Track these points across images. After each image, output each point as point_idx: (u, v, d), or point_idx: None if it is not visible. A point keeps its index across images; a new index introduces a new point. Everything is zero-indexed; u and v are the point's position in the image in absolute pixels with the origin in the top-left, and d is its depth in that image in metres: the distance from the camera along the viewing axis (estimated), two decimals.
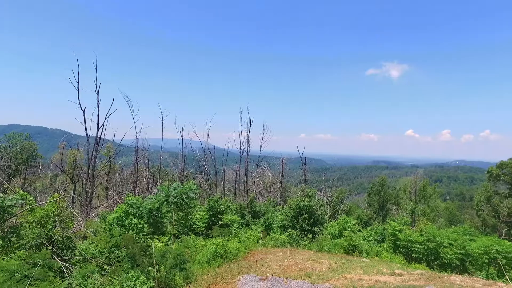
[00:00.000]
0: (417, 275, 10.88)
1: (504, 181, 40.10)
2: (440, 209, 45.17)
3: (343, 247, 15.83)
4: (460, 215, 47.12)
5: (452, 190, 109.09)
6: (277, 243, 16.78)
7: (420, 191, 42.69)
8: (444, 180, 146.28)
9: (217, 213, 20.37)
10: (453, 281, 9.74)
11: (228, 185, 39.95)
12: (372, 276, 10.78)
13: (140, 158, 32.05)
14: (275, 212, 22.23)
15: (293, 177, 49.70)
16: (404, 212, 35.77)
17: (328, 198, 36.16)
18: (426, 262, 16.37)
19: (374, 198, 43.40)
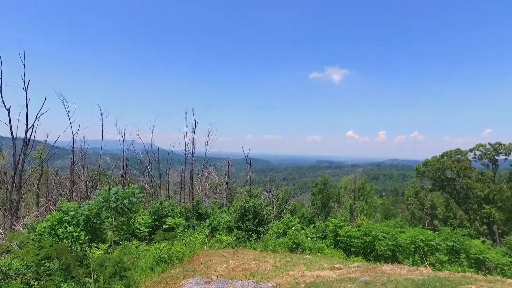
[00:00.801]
0: (354, 268, 11.61)
1: (428, 177, 44.41)
2: (376, 205, 48.55)
3: (287, 245, 16.30)
4: (393, 210, 51.08)
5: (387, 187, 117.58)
6: (223, 244, 16.78)
7: (359, 188, 45.47)
8: (381, 177, 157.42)
9: (161, 216, 19.80)
10: (384, 270, 10.56)
11: (173, 188, 38.98)
12: (314, 271, 11.26)
13: (78, 161, 29.93)
14: (221, 214, 22.19)
15: (239, 178, 50.02)
16: (344, 209, 37.85)
17: (274, 198, 36.97)
18: (363, 255, 17.51)
19: (317, 197, 45.32)
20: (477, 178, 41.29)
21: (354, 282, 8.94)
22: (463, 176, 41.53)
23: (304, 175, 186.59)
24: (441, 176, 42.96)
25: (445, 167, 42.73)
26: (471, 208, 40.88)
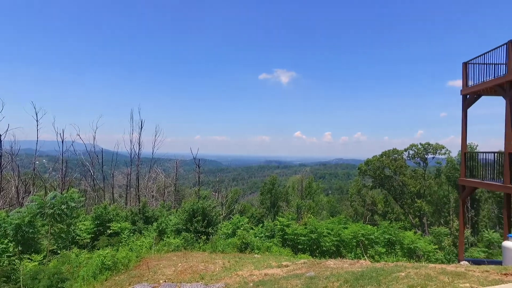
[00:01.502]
0: (301, 264, 12.05)
1: (369, 175, 47.42)
2: (323, 203, 50.64)
3: (237, 245, 16.41)
4: (339, 207, 53.61)
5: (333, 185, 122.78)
6: (171, 247, 16.42)
7: (306, 187, 47.07)
8: (327, 176, 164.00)
9: (105, 221, 18.80)
10: (328, 265, 11.11)
11: (118, 190, 37.17)
12: (262, 270, 11.49)
13: (7, 164, 27.31)
14: (169, 216, 21.66)
15: (188, 179, 49.17)
16: (292, 208, 38.96)
17: (223, 199, 36.91)
18: (310, 251, 18.22)
19: (266, 196, 46.05)
20: (411, 175, 44.95)
21: (300, 278, 9.29)
22: (399, 173, 44.97)
23: (253, 175, 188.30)
24: (380, 174, 46.07)
25: (384, 165, 45.91)
26: (406, 202, 44.43)
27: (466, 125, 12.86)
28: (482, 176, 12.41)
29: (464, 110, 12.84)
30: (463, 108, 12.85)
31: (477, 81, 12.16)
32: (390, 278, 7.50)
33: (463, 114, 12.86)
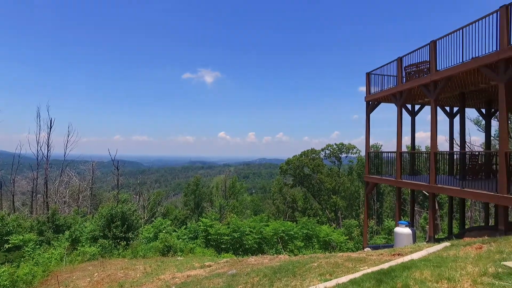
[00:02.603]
0: (223, 263, 12.30)
1: (290, 174, 50.02)
2: (246, 202, 51.77)
3: (159, 249, 16.00)
4: (262, 205, 55.28)
5: (257, 184, 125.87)
6: (86, 257, 15.27)
7: (230, 187, 47.62)
8: (251, 176, 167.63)
9: (2, 235, 16.63)
10: (249, 262, 11.56)
11: (21, 198, 33.02)
12: (184, 272, 11.44)
13: None
14: (84, 223, 20.06)
15: (106, 182, 45.92)
16: (216, 208, 39.08)
17: (145, 201, 35.41)
18: (233, 250, 18.59)
19: (190, 198, 45.43)
20: (327, 173, 48.63)
21: (222, 277, 9.52)
22: (317, 172, 48.31)
23: (177, 176, 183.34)
24: (300, 173, 48.92)
25: (303, 165, 48.85)
26: (323, 199, 47.92)
27: (369, 128, 14.55)
28: (385, 173, 14.19)
29: (367, 115, 14.51)
30: (367, 113, 14.52)
31: (377, 90, 13.87)
32: (304, 269, 8.17)
33: (367, 118, 14.52)
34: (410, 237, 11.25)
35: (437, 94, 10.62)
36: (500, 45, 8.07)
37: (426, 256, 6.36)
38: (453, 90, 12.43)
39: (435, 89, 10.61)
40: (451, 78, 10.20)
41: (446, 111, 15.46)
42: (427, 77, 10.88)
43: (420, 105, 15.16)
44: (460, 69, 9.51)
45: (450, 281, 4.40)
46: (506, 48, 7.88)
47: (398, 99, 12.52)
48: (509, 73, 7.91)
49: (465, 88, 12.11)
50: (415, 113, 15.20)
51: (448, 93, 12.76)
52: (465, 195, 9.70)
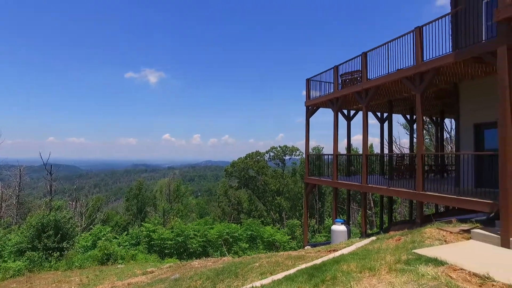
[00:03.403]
0: (166, 269, 12.13)
1: (235, 176, 50.38)
2: (192, 205, 51.01)
3: (97, 258, 15.23)
4: (208, 208, 54.83)
5: (203, 187, 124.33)
6: (9, 273, 13.90)
7: (175, 191, 46.56)
8: (196, 179, 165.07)
9: None
10: (193, 265, 11.55)
11: None
12: (125, 280, 11.08)
13: None
14: (7, 235, 18.28)
15: (37, 188, 42.24)
16: (160, 212, 38.02)
17: (83, 208, 33.25)
18: (177, 254, 18.33)
19: (132, 202, 43.56)
20: (272, 175, 49.83)
21: (165, 282, 9.42)
22: (262, 174, 49.28)
23: (118, 180, 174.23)
24: (245, 175, 49.52)
25: (248, 167, 49.52)
26: (268, 200, 48.99)
27: (308, 131, 15.36)
28: (326, 174, 15.04)
29: (307, 119, 15.32)
30: (306, 117, 15.32)
31: (316, 95, 14.72)
32: (246, 269, 8.43)
33: (306, 122, 15.33)
34: (345, 234, 12.08)
35: (368, 101, 11.60)
36: (416, 61, 9.13)
37: (354, 250, 6.98)
38: (382, 98, 13.62)
39: (366, 96, 11.57)
40: (379, 87, 11.21)
41: (377, 116, 16.85)
42: (359, 85, 11.82)
43: (355, 111, 16.34)
44: (387, 79, 10.52)
45: (371, 270, 4.93)
46: (420, 64, 8.95)
47: (334, 104, 13.42)
48: (423, 85, 8.97)
49: (392, 96, 13.36)
50: (350, 117, 16.34)
51: (378, 100, 13.94)
52: (390, 193, 10.73)
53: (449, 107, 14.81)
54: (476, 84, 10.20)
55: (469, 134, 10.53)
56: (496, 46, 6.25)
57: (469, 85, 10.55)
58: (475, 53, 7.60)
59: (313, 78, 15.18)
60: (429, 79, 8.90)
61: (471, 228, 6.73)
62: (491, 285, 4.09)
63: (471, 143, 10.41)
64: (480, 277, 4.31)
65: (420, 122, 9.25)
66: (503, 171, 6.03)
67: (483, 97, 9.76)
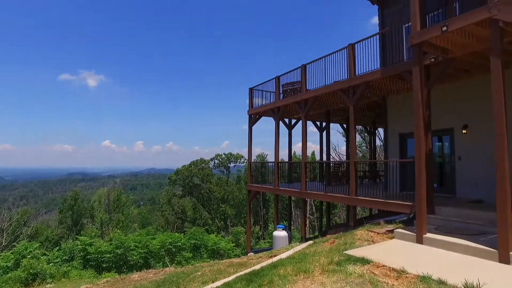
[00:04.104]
0: (103, 284, 11.49)
1: (179, 184, 49.36)
2: (133, 215, 48.80)
3: (21, 279, 13.84)
4: (150, 218, 52.83)
5: (145, 196, 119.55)
6: None
7: (115, 200, 44.24)
8: (138, 187, 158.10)
9: None
10: (133, 278, 11.11)
11: None
12: None
13: None
14: None
15: None
16: (97, 224, 35.83)
17: (5, 223, 30.08)
18: (116, 268, 17.37)
19: (66, 214, 40.39)
20: (216, 182, 49.66)
21: None
22: (206, 181, 48.89)
23: (51, 190, 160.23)
24: (189, 183, 48.72)
25: (192, 174, 48.83)
26: (213, 208, 48.64)
27: (251, 139, 15.73)
28: (270, 181, 15.43)
29: (249, 127, 15.70)
30: (249, 126, 15.70)
31: (259, 104, 15.17)
32: (188, 279, 8.36)
33: (249, 130, 15.72)
34: (286, 239, 12.51)
35: (307, 111, 12.23)
36: (349, 75, 9.91)
37: (292, 254, 7.30)
38: (320, 108, 14.43)
39: (305, 107, 12.20)
40: (317, 97, 11.90)
41: (317, 125, 17.77)
42: (299, 96, 12.43)
43: (296, 120, 17.07)
44: (324, 90, 11.23)
45: (306, 273, 5.23)
46: (353, 78, 9.74)
47: (276, 113, 13.93)
48: (356, 97, 9.76)
49: (330, 107, 14.24)
50: (292, 126, 17.03)
51: (317, 110, 14.74)
52: (327, 198, 11.38)
53: (379, 118, 16.12)
54: (400, 98, 11.31)
55: (395, 142, 11.62)
56: (411, 66, 7.07)
57: (395, 99, 11.69)
58: (397, 71, 8.49)
59: (256, 87, 15.62)
60: (360, 92, 9.70)
61: (394, 229, 7.42)
62: (405, 277, 4.61)
63: (397, 151, 11.50)
64: (397, 271, 4.82)
65: (353, 132, 10.00)
66: (418, 176, 6.79)
67: (406, 109, 10.85)
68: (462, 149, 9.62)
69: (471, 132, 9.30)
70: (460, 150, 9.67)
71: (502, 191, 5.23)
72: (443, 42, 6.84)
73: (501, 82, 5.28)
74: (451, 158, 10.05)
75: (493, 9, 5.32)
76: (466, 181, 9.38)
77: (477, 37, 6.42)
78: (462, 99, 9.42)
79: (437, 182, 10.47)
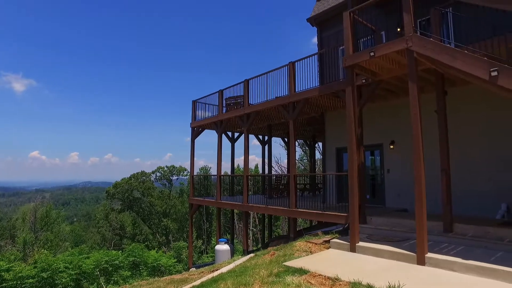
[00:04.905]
0: None
1: (118, 198, 46.71)
2: (65, 233, 44.83)
3: None
4: (85, 235, 48.99)
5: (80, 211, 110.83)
6: None
7: (43, 217, 40.33)
8: (72, 202, 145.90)
9: None
10: None
11: None
12: None
13: None
14: None
15: None
16: (19, 245, 32.28)
17: None
18: None
19: None
20: (158, 196, 47.89)
21: None
22: (148, 195, 46.91)
23: None
24: (129, 197, 46.33)
25: (132, 188, 46.55)
26: (154, 222, 46.66)
27: (193, 152, 15.57)
28: (214, 194, 15.25)
29: (192, 140, 15.54)
30: (192, 138, 15.54)
31: (202, 117, 15.11)
32: None
33: (192, 143, 15.56)
34: (228, 252, 12.46)
35: (249, 125, 12.47)
36: (289, 91, 10.38)
37: (233, 268, 7.32)
38: (263, 122, 14.79)
39: (247, 121, 12.43)
40: (259, 112, 12.20)
41: (259, 139, 18.14)
42: (242, 110, 12.64)
43: (239, 133, 17.27)
44: (266, 105, 11.57)
45: (246, 286, 5.29)
46: (293, 94, 10.22)
47: (219, 127, 13.99)
48: (296, 113, 10.22)
49: (271, 121, 14.66)
50: (234, 139, 17.19)
51: (259, 124, 15.08)
52: (269, 211, 11.61)
53: (319, 132, 16.98)
54: (337, 114, 12.07)
55: (332, 156, 12.33)
56: (345, 86, 7.66)
57: (332, 115, 12.45)
58: (333, 90, 9.09)
59: (199, 100, 15.57)
60: (300, 108, 10.18)
61: (331, 239, 7.82)
62: (339, 284, 4.90)
63: (334, 164, 12.20)
64: (332, 279, 5.10)
65: (293, 146, 10.42)
66: (351, 189, 7.29)
67: (342, 125, 11.59)
68: (390, 162, 10.53)
69: (397, 147, 10.24)
70: (389, 163, 10.57)
71: (420, 201, 5.85)
72: (372, 65, 7.53)
73: (417, 105, 5.96)
74: (381, 171, 10.92)
75: (409, 41, 6.04)
76: (393, 192, 10.25)
77: (399, 63, 7.20)
78: (389, 118, 10.36)
79: (370, 193, 11.29)
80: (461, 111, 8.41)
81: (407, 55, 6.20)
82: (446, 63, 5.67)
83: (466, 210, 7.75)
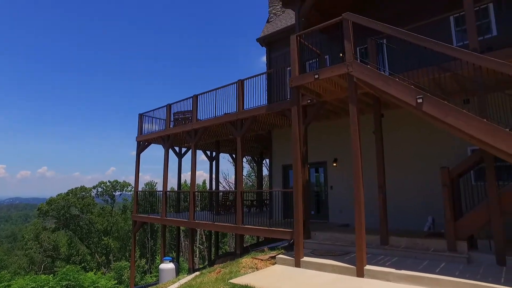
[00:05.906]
0: None
1: (53, 216, 42.89)
2: None
3: None
4: (8, 259, 44.04)
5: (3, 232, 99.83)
6: None
7: None
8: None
9: None
10: None
11: None
12: None
13: None
14: None
15: None
16: None
17: None
18: None
19: None
20: (99, 212, 44.85)
21: None
22: (87, 212, 43.71)
23: None
24: (66, 214, 42.75)
25: (70, 204, 43.10)
26: (93, 241, 43.41)
27: (139, 167, 15.00)
28: (159, 211, 14.64)
29: (137, 154, 14.97)
30: (137, 153, 14.99)
31: (149, 131, 14.68)
32: None
33: (137, 158, 14.98)
34: (173, 271, 12.00)
35: (196, 141, 12.36)
36: (238, 108, 10.54)
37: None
38: (211, 138, 14.75)
39: (195, 136, 12.31)
40: (207, 128, 12.17)
41: (207, 154, 18.00)
42: (189, 125, 12.51)
43: (186, 148, 16.99)
44: (214, 122, 11.59)
45: None
46: (241, 111, 10.40)
47: (166, 142, 13.67)
48: (243, 130, 10.38)
49: (219, 137, 14.67)
50: (182, 154, 16.87)
51: (207, 139, 15.00)
52: (216, 228, 11.48)
53: (266, 149, 17.32)
54: (283, 132, 12.44)
55: (278, 173, 12.61)
56: (291, 106, 7.98)
57: (279, 133, 12.80)
58: (280, 108, 9.42)
59: (146, 113, 15.14)
60: (248, 125, 10.36)
61: (276, 255, 7.93)
62: None
63: (281, 181, 12.47)
64: None
65: (240, 162, 10.50)
66: (295, 205, 7.52)
67: (288, 143, 11.96)
68: (333, 179, 11.04)
69: (339, 165, 10.80)
70: (332, 180, 11.08)
71: (359, 217, 6.20)
72: (316, 87, 7.96)
73: (356, 125, 6.41)
74: (325, 187, 11.40)
75: (349, 67, 6.53)
76: (336, 208, 10.73)
77: (341, 86, 7.71)
78: (333, 136, 10.93)
79: (315, 209, 11.69)
80: (397, 131, 9.17)
81: (348, 79, 6.67)
82: (381, 88, 6.20)
83: (401, 223, 8.36)
